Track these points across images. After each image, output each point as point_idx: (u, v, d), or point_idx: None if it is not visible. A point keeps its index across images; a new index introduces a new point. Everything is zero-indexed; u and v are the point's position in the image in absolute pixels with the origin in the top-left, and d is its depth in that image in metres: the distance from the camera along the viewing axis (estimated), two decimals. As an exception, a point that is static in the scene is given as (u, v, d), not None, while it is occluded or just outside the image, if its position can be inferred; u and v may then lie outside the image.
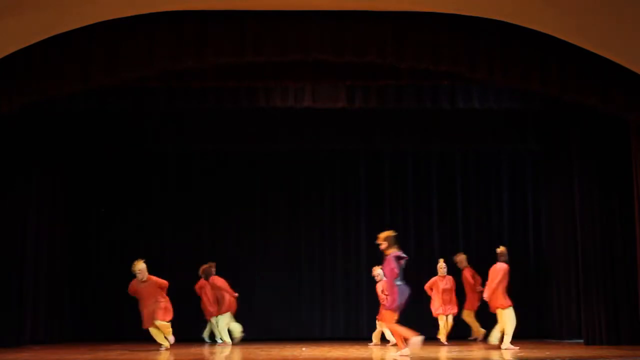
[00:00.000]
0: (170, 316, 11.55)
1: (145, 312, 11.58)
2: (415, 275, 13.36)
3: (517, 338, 13.89)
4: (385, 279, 9.94)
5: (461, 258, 13.33)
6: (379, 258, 14.95)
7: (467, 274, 13.19)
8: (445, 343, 12.25)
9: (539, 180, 14.84)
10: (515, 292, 14.02)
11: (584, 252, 11.85)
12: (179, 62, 9.62)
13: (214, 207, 14.84)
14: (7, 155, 11.84)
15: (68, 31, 9.30)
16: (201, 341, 13.15)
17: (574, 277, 12.80)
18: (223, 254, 14.66)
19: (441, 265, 12.80)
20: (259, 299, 14.45)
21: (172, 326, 11.85)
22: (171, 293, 12.01)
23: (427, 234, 14.96)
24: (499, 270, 11.32)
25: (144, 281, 11.55)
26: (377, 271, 12.29)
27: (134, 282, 11.67)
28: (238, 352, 10.89)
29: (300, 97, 11.97)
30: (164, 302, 11.59)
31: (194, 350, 11.56)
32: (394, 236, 9.78)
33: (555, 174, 13.70)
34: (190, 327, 13.41)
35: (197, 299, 13.25)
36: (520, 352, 10.37)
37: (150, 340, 12.76)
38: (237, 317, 13.72)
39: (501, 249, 11.54)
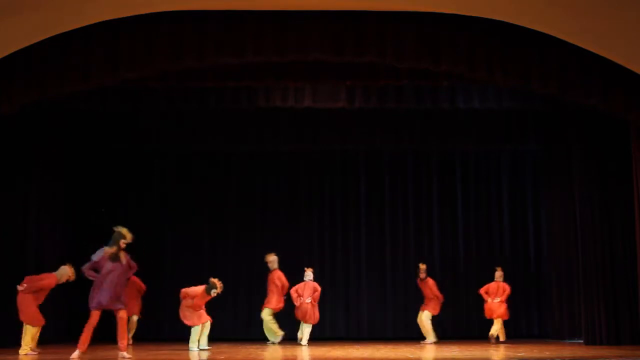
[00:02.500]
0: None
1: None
2: (415, 275, 13.41)
3: (517, 338, 13.96)
4: None
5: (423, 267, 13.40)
6: (378, 258, 15.05)
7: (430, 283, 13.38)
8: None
9: (539, 180, 14.84)
10: (516, 292, 14.08)
11: (584, 252, 11.85)
12: (179, 62, 9.62)
13: (214, 207, 14.84)
14: (7, 155, 11.84)
15: (68, 31, 9.30)
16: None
17: (574, 277, 12.81)
18: (223, 254, 14.67)
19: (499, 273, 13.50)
20: (259, 298, 14.44)
21: (175, 326, 11.94)
22: (171, 293, 11.99)
23: (427, 234, 14.96)
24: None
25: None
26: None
27: None
28: (238, 352, 10.88)
29: (300, 97, 11.98)
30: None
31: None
32: None
33: (555, 174, 13.70)
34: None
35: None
36: (520, 352, 10.37)
37: (150, 340, 12.78)
38: (238, 317, 13.75)
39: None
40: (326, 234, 14.92)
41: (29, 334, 10.88)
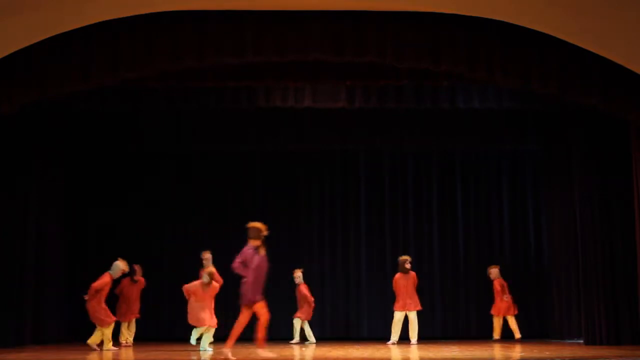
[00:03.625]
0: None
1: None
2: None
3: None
4: None
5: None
6: (378, 258, 15.04)
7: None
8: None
9: (539, 180, 14.84)
10: (516, 292, 14.07)
11: (584, 252, 11.85)
12: (179, 62, 9.62)
13: (213, 207, 14.84)
14: (7, 155, 11.84)
15: (68, 31, 9.29)
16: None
17: (574, 277, 12.80)
18: (223, 254, 14.63)
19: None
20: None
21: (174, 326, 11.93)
22: (171, 293, 11.99)
23: (427, 233, 14.96)
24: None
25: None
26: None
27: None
28: (238, 352, 10.87)
29: (300, 97, 11.98)
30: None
31: (192, 349, 11.54)
32: None
33: (555, 174, 13.70)
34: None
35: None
36: (520, 352, 10.37)
37: (150, 340, 12.78)
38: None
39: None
40: (326, 234, 14.91)
41: (106, 335, 11.43)
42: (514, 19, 9.37)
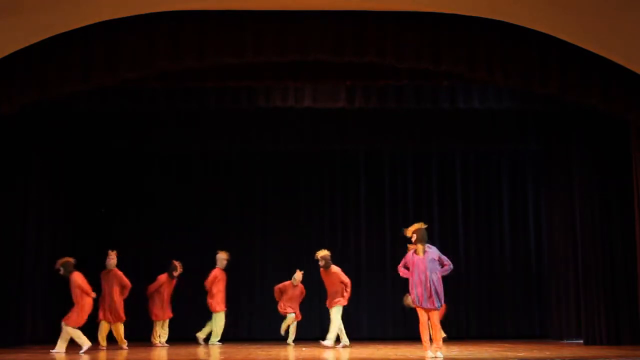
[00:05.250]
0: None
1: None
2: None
3: (517, 338, 13.97)
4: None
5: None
6: (378, 258, 15.04)
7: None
8: None
9: (539, 180, 14.84)
10: (516, 292, 14.07)
11: (584, 252, 11.86)
12: (179, 62, 9.62)
13: (213, 207, 14.83)
14: (7, 155, 11.84)
15: (68, 31, 9.30)
16: (196, 340, 13.13)
17: (574, 277, 12.81)
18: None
19: None
20: (259, 298, 14.46)
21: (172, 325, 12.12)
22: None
23: (427, 233, 14.93)
24: None
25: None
26: None
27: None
28: (238, 352, 10.89)
29: (300, 97, 11.98)
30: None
31: (191, 349, 11.57)
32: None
33: (555, 174, 13.70)
34: (190, 326, 13.41)
35: (196, 298, 13.29)
36: (520, 352, 10.37)
37: (149, 340, 12.77)
38: (238, 317, 13.72)
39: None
40: (326, 234, 14.90)
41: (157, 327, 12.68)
42: (514, 19, 9.37)
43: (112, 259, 12.23)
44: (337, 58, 9.81)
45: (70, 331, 11.06)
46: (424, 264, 9.45)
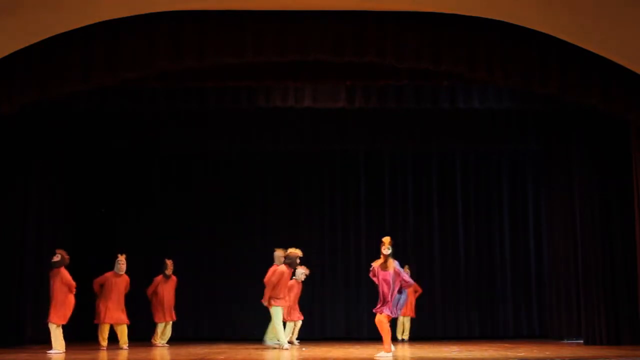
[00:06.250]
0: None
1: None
2: (415, 275, 13.40)
3: (517, 338, 13.97)
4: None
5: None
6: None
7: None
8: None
9: (539, 180, 14.84)
10: (516, 292, 14.07)
11: (584, 252, 11.86)
12: (179, 62, 9.62)
13: (213, 207, 14.84)
14: (7, 155, 11.84)
15: (68, 31, 9.30)
16: (196, 340, 13.13)
17: (574, 277, 12.81)
18: (223, 254, 14.66)
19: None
20: (259, 298, 14.45)
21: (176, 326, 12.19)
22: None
23: (427, 234, 14.97)
24: None
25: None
26: None
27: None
28: (239, 353, 10.88)
29: (300, 97, 11.98)
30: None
31: (192, 349, 11.56)
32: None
33: (555, 174, 13.70)
34: (190, 326, 13.43)
35: (195, 298, 13.31)
36: (520, 352, 10.37)
37: (148, 340, 12.77)
38: (238, 316, 13.71)
39: None
40: (326, 234, 14.91)
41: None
42: (514, 19, 9.37)
43: (123, 263, 12.16)
44: (337, 58, 9.80)
45: (54, 329, 10.90)
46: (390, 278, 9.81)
